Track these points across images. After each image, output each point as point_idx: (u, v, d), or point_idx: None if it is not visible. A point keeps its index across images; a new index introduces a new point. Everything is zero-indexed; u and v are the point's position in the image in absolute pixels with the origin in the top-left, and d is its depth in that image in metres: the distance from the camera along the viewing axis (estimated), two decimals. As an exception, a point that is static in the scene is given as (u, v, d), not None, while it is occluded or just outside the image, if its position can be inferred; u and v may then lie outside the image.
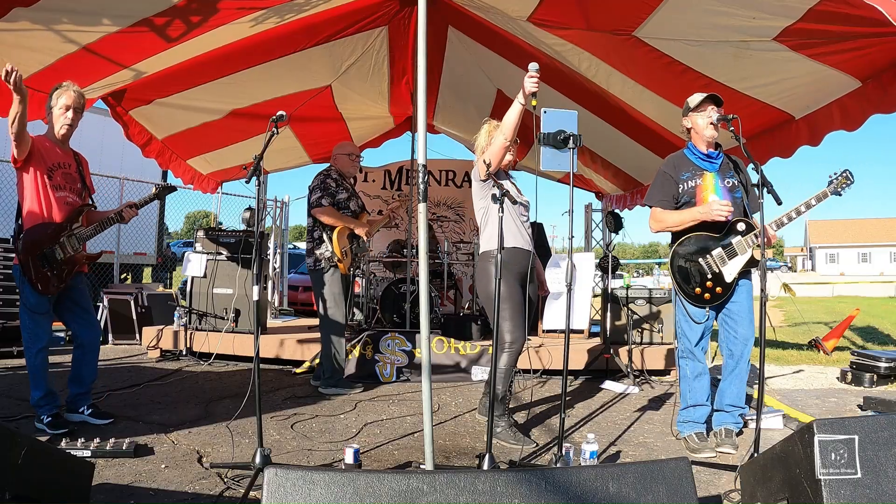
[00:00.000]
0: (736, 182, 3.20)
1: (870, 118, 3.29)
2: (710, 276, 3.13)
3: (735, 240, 3.11)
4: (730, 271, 3.11)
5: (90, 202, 3.40)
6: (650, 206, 3.28)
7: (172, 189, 3.81)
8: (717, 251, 3.14)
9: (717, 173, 3.18)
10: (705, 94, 3.15)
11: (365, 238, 4.53)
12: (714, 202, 3.06)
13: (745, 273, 3.16)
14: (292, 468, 1.67)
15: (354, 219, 4.49)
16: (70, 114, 3.20)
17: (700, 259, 3.15)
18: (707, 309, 3.17)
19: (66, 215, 3.22)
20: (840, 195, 3.08)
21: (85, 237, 3.27)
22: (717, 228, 3.14)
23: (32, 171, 3.10)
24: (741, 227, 3.11)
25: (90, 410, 3.43)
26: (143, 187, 10.18)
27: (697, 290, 3.15)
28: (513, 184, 3.51)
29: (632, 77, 4.18)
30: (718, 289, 3.13)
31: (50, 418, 3.18)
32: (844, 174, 3.05)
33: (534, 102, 2.77)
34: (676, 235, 3.26)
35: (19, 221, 3.16)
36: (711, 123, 3.09)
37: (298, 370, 5.06)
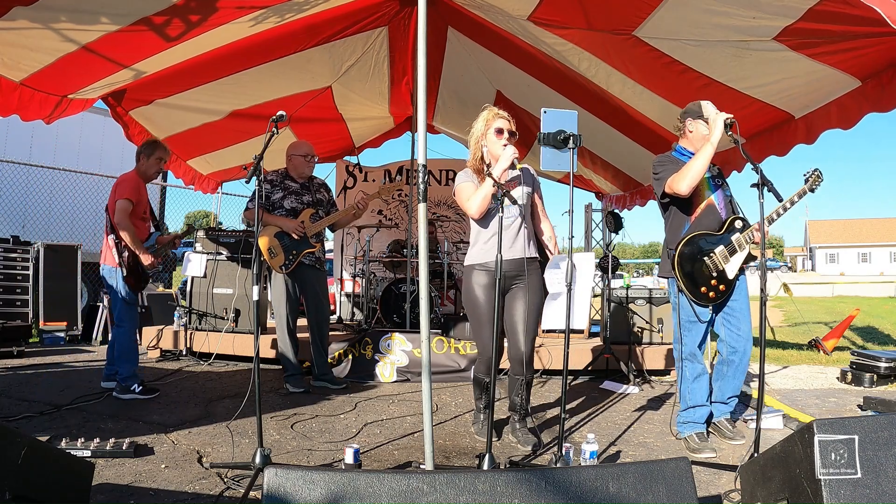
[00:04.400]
0: (723, 182, 3.36)
1: (868, 118, 3.30)
2: (714, 274, 3.18)
3: (734, 237, 3.19)
4: (732, 268, 3.19)
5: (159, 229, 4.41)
6: (667, 183, 3.21)
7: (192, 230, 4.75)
8: (720, 249, 3.19)
9: (708, 175, 3.31)
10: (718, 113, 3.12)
11: (294, 235, 4.36)
12: (721, 117, 2.99)
13: (740, 271, 3.25)
14: (292, 468, 1.67)
15: (287, 217, 4.41)
16: (162, 164, 4.29)
17: (705, 258, 3.19)
18: (710, 308, 3.22)
19: (148, 239, 4.21)
20: (813, 192, 3.21)
21: (159, 255, 4.25)
22: (717, 227, 3.22)
23: (134, 208, 4.07)
24: (738, 224, 3.21)
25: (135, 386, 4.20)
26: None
27: (703, 288, 3.18)
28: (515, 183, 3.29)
29: (632, 77, 4.18)
30: (722, 286, 3.19)
31: (141, 387, 4.06)
32: (815, 172, 3.21)
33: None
34: (675, 237, 3.29)
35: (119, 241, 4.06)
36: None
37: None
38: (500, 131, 3.15)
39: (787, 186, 3.10)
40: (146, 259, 4.08)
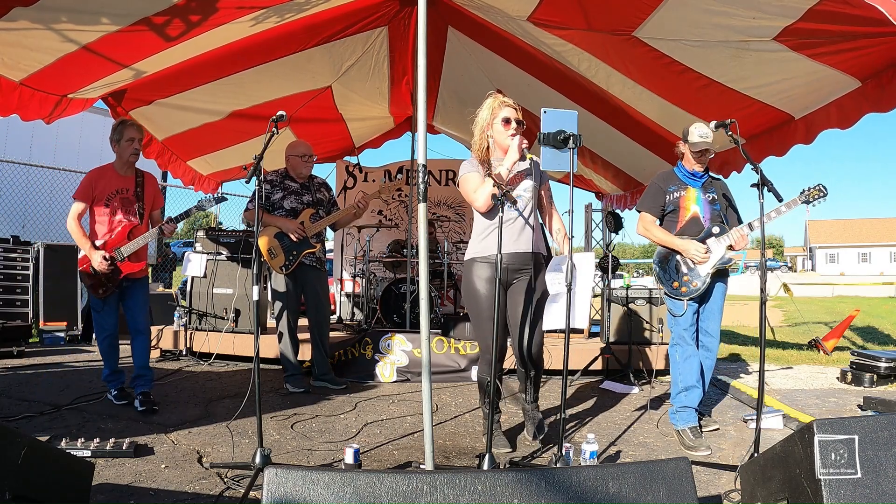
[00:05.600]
0: (715, 196, 3.53)
1: (867, 118, 3.31)
2: (686, 270, 3.45)
3: (710, 240, 3.42)
4: (704, 267, 3.41)
5: (142, 219, 3.89)
6: (640, 212, 3.65)
7: (222, 199, 4.07)
8: None
9: (699, 189, 3.52)
10: (704, 141, 3.37)
11: (293, 236, 4.34)
12: (692, 246, 3.38)
13: (721, 277, 3.50)
14: (292, 468, 1.67)
15: (287, 217, 4.40)
16: (136, 144, 3.85)
17: (678, 255, 3.47)
18: (685, 302, 3.42)
19: (116, 235, 3.79)
20: (810, 204, 3.29)
21: (127, 251, 3.77)
22: (696, 231, 3.45)
23: (93, 205, 3.80)
24: (715, 230, 3.43)
25: (140, 397, 3.78)
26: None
27: (675, 283, 3.47)
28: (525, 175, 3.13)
29: (631, 77, 4.18)
30: (695, 283, 3.42)
31: (116, 392, 3.87)
32: (818, 187, 3.28)
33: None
34: None
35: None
36: (698, 161, 3.47)
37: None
38: (507, 121, 3.00)
39: (786, 187, 3.13)
40: (94, 258, 3.67)
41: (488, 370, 3.06)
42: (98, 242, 3.76)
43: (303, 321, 4.61)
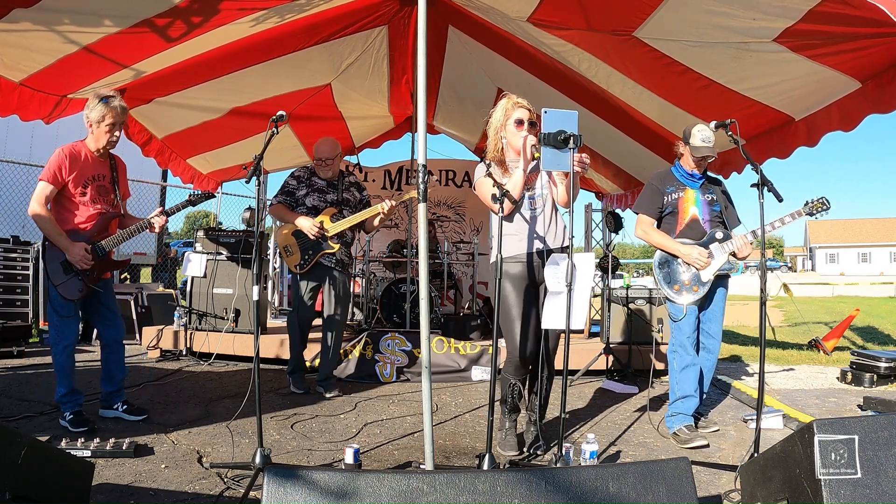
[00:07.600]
0: (714, 197, 3.51)
1: (867, 118, 3.30)
2: (687, 275, 3.43)
3: (713, 245, 3.40)
4: (706, 273, 3.39)
5: (121, 210, 3.51)
6: (637, 213, 3.64)
7: (209, 196, 3.81)
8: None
9: (698, 189, 3.50)
10: (706, 146, 3.36)
11: (311, 235, 4.19)
12: (694, 251, 3.37)
13: (722, 280, 3.49)
14: (292, 468, 1.68)
15: (307, 215, 4.29)
16: (117, 132, 3.34)
17: (679, 260, 3.45)
18: (685, 306, 3.40)
19: (95, 226, 3.34)
20: (813, 216, 3.39)
21: (110, 246, 3.39)
22: (698, 236, 3.43)
23: (65, 189, 3.27)
24: (719, 235, 3.42)
25: (124, 407, 3.53)
26: (142, 187, 10.19)
27: (676, 287, 3.46)
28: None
29: (631, 77, 4.18)
30: (696, 287, 3.41)
31: (72, 416, 3.25)
32: (821, 200, 3.37)
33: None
34: None
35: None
36: (698, 164, 3.46)
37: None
38: (520, 122, 3.01)
39: (788, 187, 3.11)
40: (73, 252, 3.20)
41: (514, 372, 3.07)
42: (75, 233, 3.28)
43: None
